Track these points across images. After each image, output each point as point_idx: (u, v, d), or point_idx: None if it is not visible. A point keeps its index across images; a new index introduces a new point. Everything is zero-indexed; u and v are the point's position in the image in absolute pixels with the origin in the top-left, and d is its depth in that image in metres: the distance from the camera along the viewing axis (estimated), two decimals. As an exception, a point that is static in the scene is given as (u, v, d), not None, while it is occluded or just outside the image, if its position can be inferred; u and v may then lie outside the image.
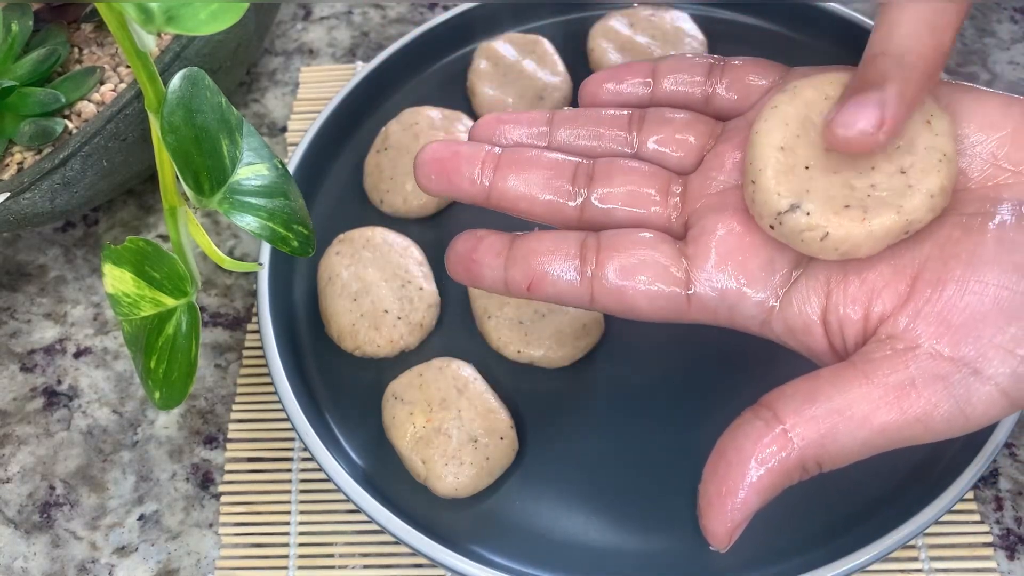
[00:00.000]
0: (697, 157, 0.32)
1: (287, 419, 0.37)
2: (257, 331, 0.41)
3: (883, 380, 0.26)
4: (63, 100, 0.40)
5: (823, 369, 0.28)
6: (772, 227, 0.28)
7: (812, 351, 0.29)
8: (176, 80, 0.27)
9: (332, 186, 0.44)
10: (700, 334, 0.38)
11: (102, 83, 0.41)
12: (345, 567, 0.36)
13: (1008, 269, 0.26)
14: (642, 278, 0.29)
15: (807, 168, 0.28)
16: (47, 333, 0.43)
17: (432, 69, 0.48)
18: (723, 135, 0.32)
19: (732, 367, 0.37)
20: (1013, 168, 0.27)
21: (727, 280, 0.29)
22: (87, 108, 0.41)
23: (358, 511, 0.36)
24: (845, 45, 0.44)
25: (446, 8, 0.50)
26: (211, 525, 0.38)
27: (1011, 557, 0.35)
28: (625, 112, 0.33)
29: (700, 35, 0.45)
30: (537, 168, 0.31)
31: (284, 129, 0.49)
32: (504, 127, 0.33)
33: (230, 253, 0.45)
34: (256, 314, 0.41)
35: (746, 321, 0.29)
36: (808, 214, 0.27)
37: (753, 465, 0.26)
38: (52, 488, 0.39)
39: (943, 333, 0.26)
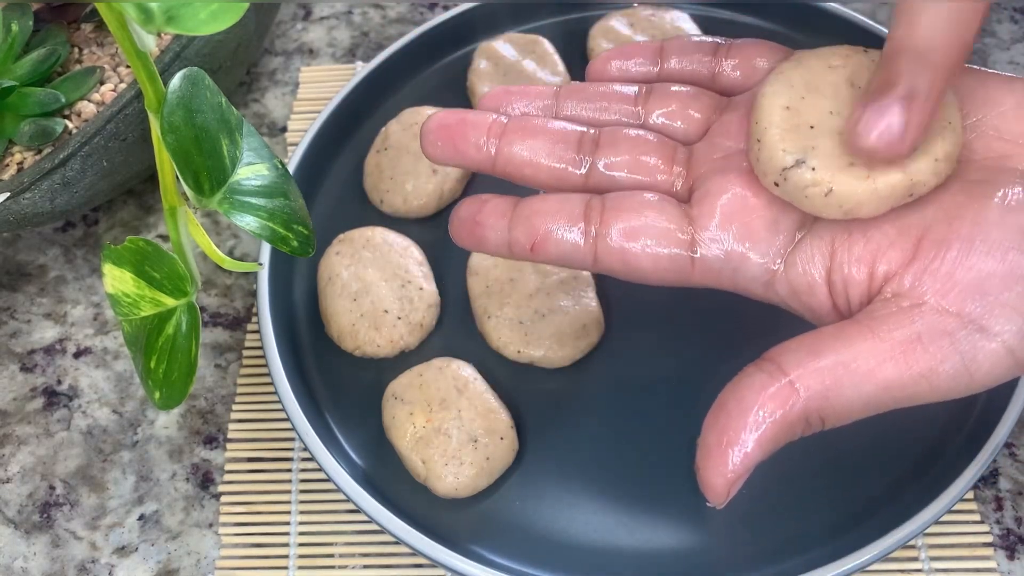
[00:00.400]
0: (702, 129, 0.32)
1: (287, 419, 0.37)
2: (257, 331, 0.41)
3: (888, 335, 0.26)
4: (63, 100, 0.40)
5: (827, 326, 0.27)
6: (776, 184, 0.28)
7: (815, 312, 0.29)
8: (176, 80, 0.27)
9: (332, 186, 0.44)
10: (701, 334, 0.38)
11: (102, 83, 0.41)
12: (345, 567, 0.36)
13: (1013, 230, 0.26)
14: (646, 239, 0.29)
15: (812, 128, 0.28)
16: (47, 333, 0.43)
17: (432, 69, 0.48)
18: (728, 106, 0.32)
19: (733, 367, 0.37)
20: (1015, 140, 0.28)
21: (731, 241, 0.29)
22: (87, 108, 0.41)
23: (358, 511, 0.36)
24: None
25: (446, 8, 0.50)
26: (211, 525, 0.38)
27: (1011, 557, 0.35)
28: (631, 88, 0.33)
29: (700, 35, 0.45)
30: (543, 135, 0.31)
31: (284, 129, 0.49)
32: (511, 99, 0.33)
33: (230, 253, 0.45)
34: (256, 314, 0.41)
35: (749, 283, 0.29)
36: (813, 169, 0.27)
37: (755, 415, 0.26)
38: (52, 488, 0.39)
39: (949, 290, 0.26)
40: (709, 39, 0.34)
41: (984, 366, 0.26)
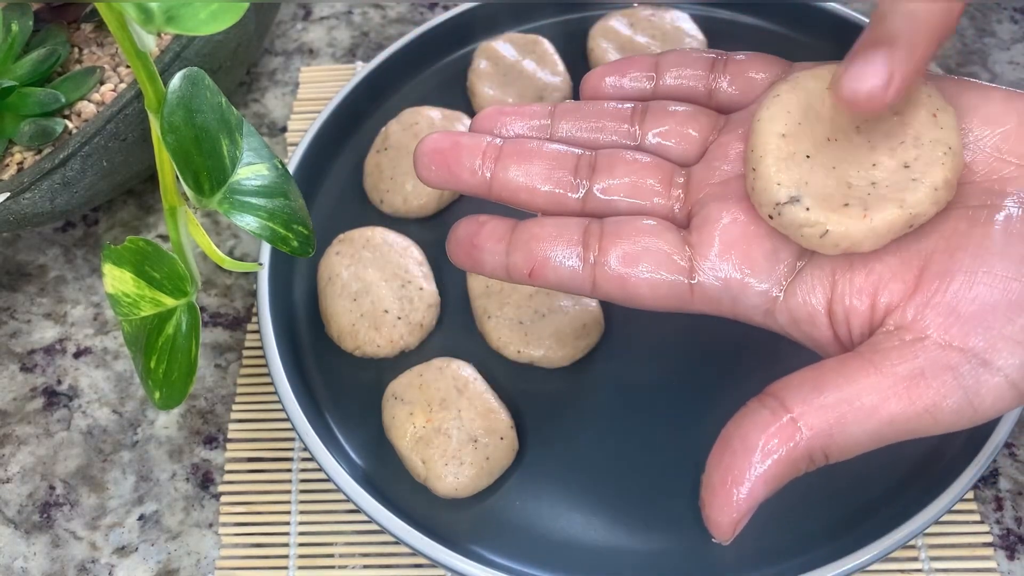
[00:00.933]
0: (700, 149, 0.32)
1: (287, 419, 0.37)
2: (257, 331, 0.41)
3: (892, 370, 0.26)
4: (63, 100, 0.40)
5: (829, 359, 0.27)
6: (771, 217, 0.28)
7: (816, 342, 0.29)
8: (176, 80, 0.27)
9: (332, 186, 0.44)
10: (700, 334, 0.38)
11: (102, 83, 0.41)
12: (345, 567, 0.36)
13: (1016, 260, 0.26)
14: (645, 266, 0.29)
15: (808, 157, 0.28)
16: (47, 333, 0.43)
17: (432, 69, 0.48)
18: (726, 126, 0.32)
19: (733, 367, 0.37)
20: (1017, 162, 0.27)
21: (731, 270, 0.29)
22: (87, 108, 0.41)
23: (358, 511, 0.36)
24: (845, 45, 0.44)
25: (446, 8, 0.50)
26: (211, 525, 0.38)
27: (1011, 557, 0.35)
28: (627, 105, 0.33)
29: (700, 35, 0.45)
30: (539, 159, 0.31)
31: (284, 129, 0.49)
32: (505, 119, 0.33)
33: (230, 253, 0.45)
34: (256, 314, 0.41)
35: (749, 311, 0.29)
36: (808, 209, 0.27)
37: (759, 454, 0.26)
38: (52, 488, 0.39)
39: (952, 324, 0.26)
40: (705, 53, 0.34)
41: (987, 400, 0.26)
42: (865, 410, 0.26)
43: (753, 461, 0.26)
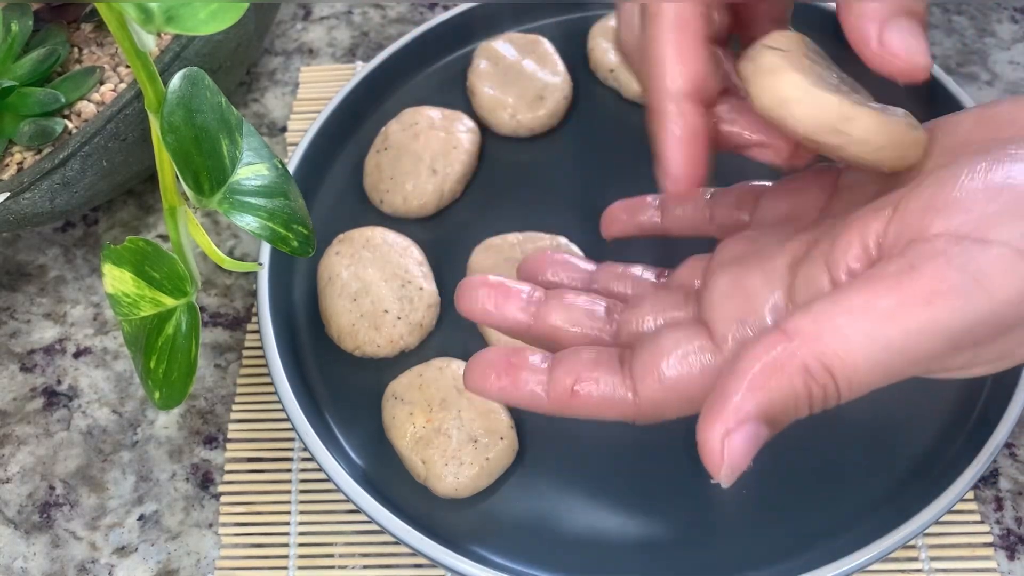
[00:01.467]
0: None
1: (287, 419, 0.37)
2: (257, 331, 0.41)
3: (879, 273, 0.25)
4: (63, 100, 0.40)
5: None
6: (752, 59, 0.28)
7: None
8: (176, 80, 0.27)
9: (332, 186, 0.44)
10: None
11: (102, 83, 0.41)
12: (345, 567, 0.36)
13: (987, 155, 0.26)
14: (674, 359, 0.28)
15: (811, 63, 0.29)
16: (47, 333, 0.43)
17: (432, 69, 0.48)
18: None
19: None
20: (983, 138, 0.28)
21: (734, 309, 0.28)
22: (87, 108, 0.41)
23: (358, 511, 0.36)
24: (845, 45, 0.44)
25: (446, 8, 0.50)
26: (211, 525, 0.38)
27: (1011, 557, 0.35)
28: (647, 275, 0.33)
29: (700, 35, 0.45)
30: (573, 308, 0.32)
31: (284, 129, 0.49)
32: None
33: (230, 253, 0.45)
34: (256, 314, 0.41)
35: None
36: (782, 52, 0.28)
37: (747, 363, 0.25)
38: (52, 488, 0.39)
39: (932, 219, 0.25)
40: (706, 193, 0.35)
41: (996, 277, 0.24)
42: (856, 309, 0.25)
43: (741, 372, 0.25)
